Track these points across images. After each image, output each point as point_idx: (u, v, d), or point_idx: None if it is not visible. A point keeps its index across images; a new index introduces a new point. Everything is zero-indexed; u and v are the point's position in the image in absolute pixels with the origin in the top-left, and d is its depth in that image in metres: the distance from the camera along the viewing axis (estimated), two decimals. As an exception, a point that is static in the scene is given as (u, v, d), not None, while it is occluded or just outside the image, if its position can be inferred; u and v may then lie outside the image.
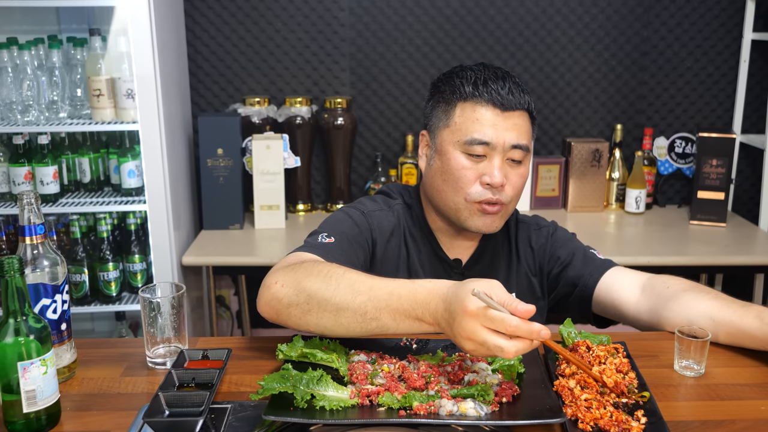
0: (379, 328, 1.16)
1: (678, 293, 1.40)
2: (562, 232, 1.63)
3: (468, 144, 1.42)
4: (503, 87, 1.41)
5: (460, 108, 1.44)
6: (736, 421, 1.10)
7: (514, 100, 1.41)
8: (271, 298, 1.22)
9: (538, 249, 1.60)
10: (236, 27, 2.93)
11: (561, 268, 1.56)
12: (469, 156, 1.42)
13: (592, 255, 1.56)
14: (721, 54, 3.04)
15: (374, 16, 2.95)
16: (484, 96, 1.41)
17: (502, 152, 1.42)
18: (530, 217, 1.65)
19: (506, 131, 1.41)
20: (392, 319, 1.14)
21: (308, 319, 1.19)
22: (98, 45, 2.47)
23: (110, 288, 2.61)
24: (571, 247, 1.58)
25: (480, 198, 1.43)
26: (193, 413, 1.04)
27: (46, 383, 1.06)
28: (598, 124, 3.10)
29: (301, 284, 1.19)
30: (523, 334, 1.01)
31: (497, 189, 1.42)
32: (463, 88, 1.43)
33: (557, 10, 2.97)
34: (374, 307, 1.14)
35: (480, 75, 1.43)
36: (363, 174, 3.09)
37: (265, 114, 2.89)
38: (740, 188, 3.14)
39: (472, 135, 1.41)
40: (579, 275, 1.53)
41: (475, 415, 1.05)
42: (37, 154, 2.53)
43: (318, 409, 1.06)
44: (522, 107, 1.42)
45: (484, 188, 1.43)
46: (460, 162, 1.43)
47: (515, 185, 1.45)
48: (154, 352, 1.26)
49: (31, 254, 1.16)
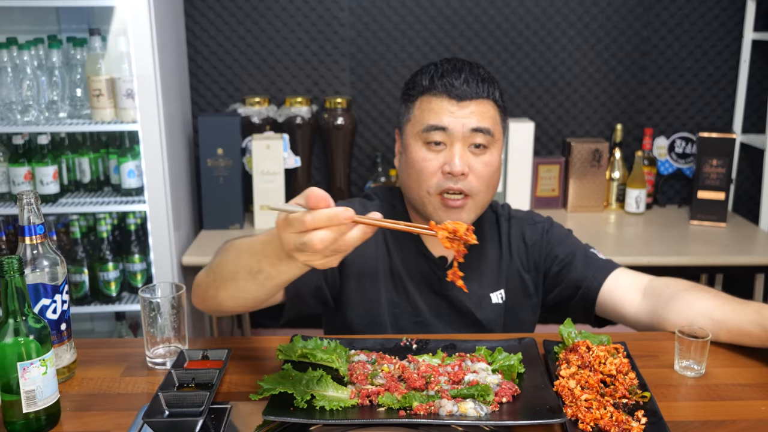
0: (269, 279, 1.16)
1: (678, 293, 1.40)
2: (558, 229, 1.61)
3: (425, 132, 1.41)
4: (458, 78, 1.41)
5: (419, 102, 1.45)
6: (737, 422, 1.10)
7: (470, 90, 1.41)
8: (195, 289, 1.31)
9: (533, 245, 1.57)
10: (236, 27, 2.93)
11: (560, 267, 1.55)
12: (429, 146, 1.41)
13: (593, 255, 1.55)
14: (721, 54, 3.04)
15: (374, 16, 2.94)
16: (438, 88, 1.42)
17: (462, 138, 1.40)
18: (524, 212, 1.63)
19: (464, 117, 1.40)
20: (272, 266, 1.14)
21: (221, 295, 1.23)
22: (98, 45, 2.47)
23: (110, 288, 2.61)
24: (569, 245, 1.57)
25: (441, 188, 1.41)
26: (193, 413, 1.04)
27: (45, 383, 1.05)
28: (598, 124, 3.10)
29: (209, 266, 1.27)
30: (322, 223, 0.99)
31: (458, 178, 1.40)
32: (421, 83, 1.45)
33: (557, 10, 2.97)
34: (256, 261, 1.16)
35: (439, 69, 1.44)
36: (363, 174, 3.09)
37: (265, 114, 2.89)
38: (740, 188, 3.14)
39: (428, 122, 1.41)
40: (581, 278, 1.52)
41: (475, 415, 1.05)
42: (37, 154, 2.53)
43: (318, 410, 1.06)
44: (480, 96, 1.41)
45: (445, 177, 1.40)
46: (420, 154, 1.42)
47: (481, 174, 1.42)
48: (153, 352, 1.26)
49: (30, 254, 1.16)
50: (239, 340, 1.40)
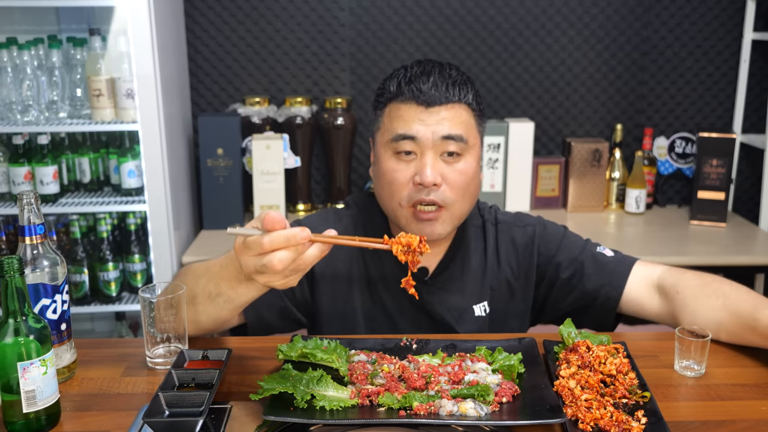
0: (228, 302, 1.20)
1: (687, 302, 1.36)
2: (552, 229, 1.52)
3: (394, 141, 1.35)
4: (425, 82, 1.34)
5: (387, 109, 1.38)
6: (737, 422, 1.10)
7: (439, 94, 1.33)
8: None
9: (524, 249, 1.50)
10: (236, 27, 2.93)
11: (569, 275, 1.47)
12: (399, 156, 1.35)
13: (601, 256, 1.47)
14: (721, 54, 3.04)
15: (374, 16, 2.94)
16: (406, 94, 1.35)
17: (433, 147, 1.33)
18: (512, 215, 1.55)
19: (434, 125, 1.33)
20: (231, 288, 1.18)
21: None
22: (98, 45, 2.47)
23: (110, 288, 2.61)
24: (571, 248, 1.49)
25: (413, 200, 1.34)
26: (193, 413, 1.04)
27: (45, 383, 1.05)
28: (598, 124, 3.10)
29: None
30: (280, 245, 1.01)
31: (430, 189, 1.33)
32: (390, 89, 1.38)
33: (557, 10, 2.97)
34: (214, 285, 1.20)
35: (408, 73, 1.37)
36: (363, 174, 3.09)
37: (265, 114, 2.89)
38: (740, 188, 3.14)
39: (396, 131, 1.34)
40: (597, 287, 1.45)
41: (475, 415, 1.05)
42: (37, 154, 2.53)
43: (318, 409, 1.06)
44: (450, 101, 1.34)
45: (417, 189, 1.34)
46: (390, 164, 1.36)
47: (455, 184, 1.35)
48: (153, 352, 1.26)
49: (30, 254, 1.16)
50: (239, 340, 1.40)
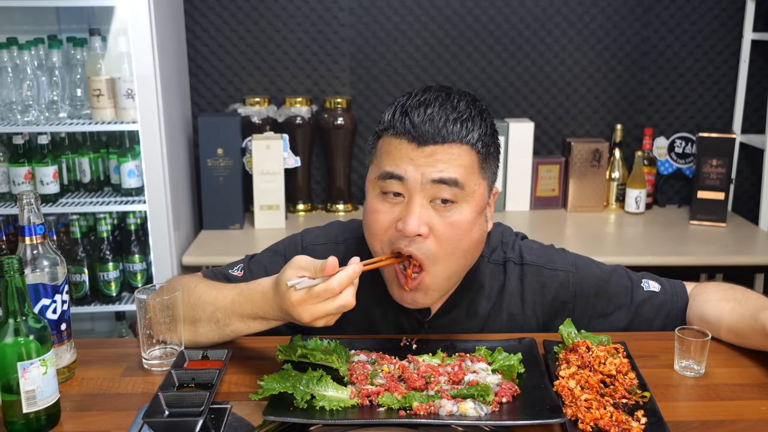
0: (235, 332, 1.24)
1: (698, 299, 1.38)
2: (587, 271, 1.38)
3: (381, 179, 1.19)
4: (420, 115, 1.16)
5: (381, 141, 1.22)
6: (737, 422, 1.10)
7: (433, 131, 1.15)
8: None
9: (553, 299, 1.37)
10: (236, 27, 2.93)
11: (624, 324, 1.40)
12: (386, 197, 1.20)
13: (652, 296, 1.40)
14: (721, 54, 3.04)
15: (374, 16, 2.94)
16: (397, 127, 1.18)
17: (422, 191, 1.16)
18: (537, 252, 1.38)
19: (425, 166, 1.16)
20: (242, 323, 1.21)
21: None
22: (98, 45, 2.47)
23: (110, 288, 2.61)
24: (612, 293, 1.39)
25: (393, 247, 1.19)
26: (192, 413, 1.04)
27: (45, 383, 1.05)
28: (598, 124, 3.10)
29: None
30: (347, 285, 1.06)
31: (412, 239, 1.16)
32: (385, 118, 1.22)
33: (557, 10, 2.97)
34: (223, 315, 1.22)
35: (407, 102, 1.20)
36: (363, 174, 3.09)
37: (265, 114, 2.89)
38: (740, 188, 3.14)
39: (384, 168, 1.19)
40: (659, 324, 1.40)
41: (475, 415, 1.05)
42: (37, 154, 2.53)
43: (318, 409, 1.06)
44: (447, 140, 1.16)
45: (398, 235, 1.18)
46: (374, 204, 1.21)
47: (443, 237, 1.17)
48: (149, 353, 1.26)
49: (30, 254, 1.16)
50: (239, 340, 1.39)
